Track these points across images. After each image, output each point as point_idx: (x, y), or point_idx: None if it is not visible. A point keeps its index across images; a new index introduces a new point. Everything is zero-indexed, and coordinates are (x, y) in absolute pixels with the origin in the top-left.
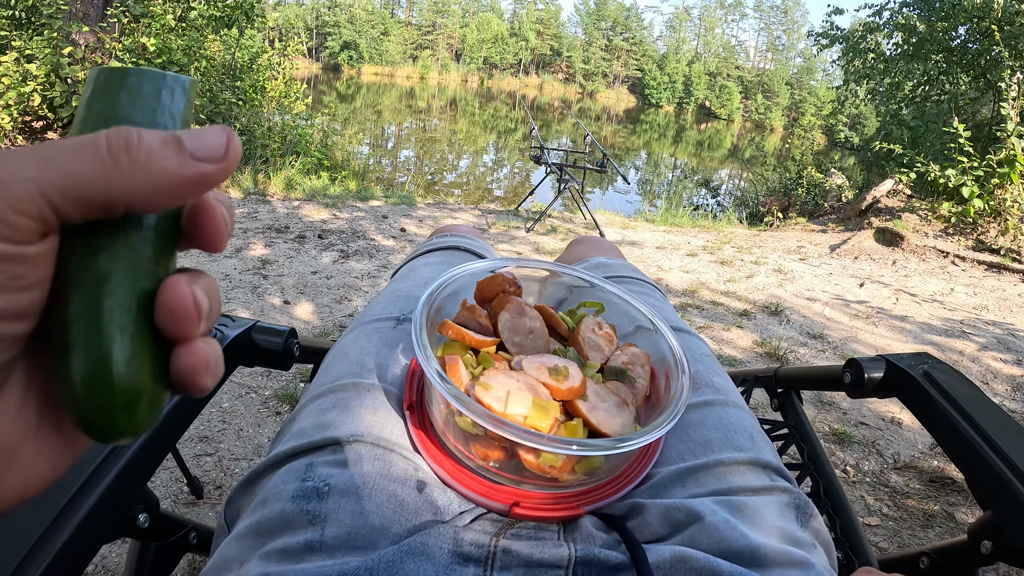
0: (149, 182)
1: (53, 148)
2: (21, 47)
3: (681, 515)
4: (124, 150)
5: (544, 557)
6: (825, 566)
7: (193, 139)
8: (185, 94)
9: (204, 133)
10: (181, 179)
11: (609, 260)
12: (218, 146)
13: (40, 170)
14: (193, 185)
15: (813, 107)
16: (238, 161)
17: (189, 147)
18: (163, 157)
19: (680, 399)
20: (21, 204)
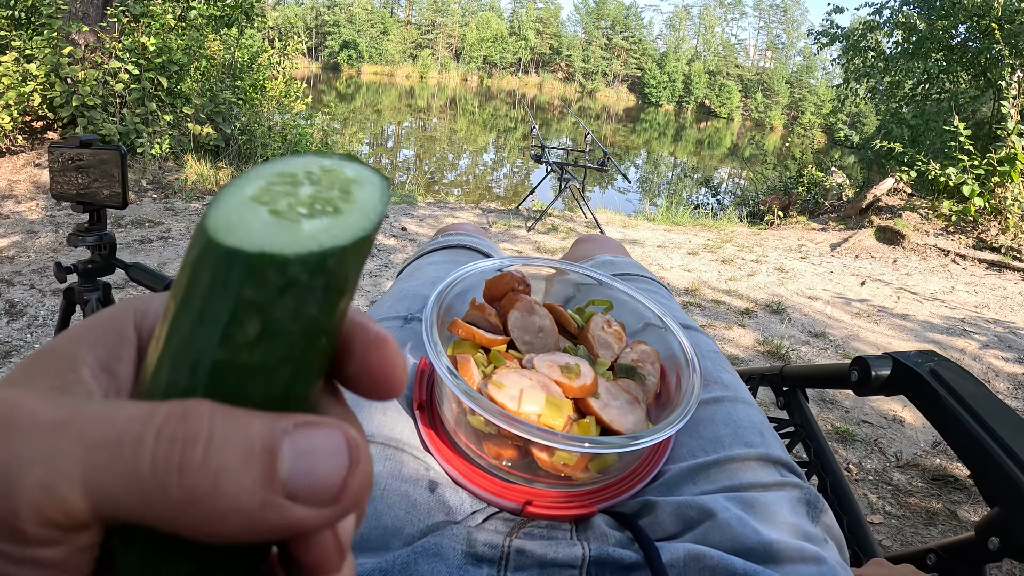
0: (208, 523)
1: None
2: (21, 47)
3: (693, 512)
4: (177, 471)
5: (558, 557)
6: (838, 561)
7: (295, 457)
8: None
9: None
10: (259, 526)
11: (615, 258)
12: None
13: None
14: (277, 535)
15: (813, 106)
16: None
17: (285, 473)
18: (238, 489)
19: (691, 396)
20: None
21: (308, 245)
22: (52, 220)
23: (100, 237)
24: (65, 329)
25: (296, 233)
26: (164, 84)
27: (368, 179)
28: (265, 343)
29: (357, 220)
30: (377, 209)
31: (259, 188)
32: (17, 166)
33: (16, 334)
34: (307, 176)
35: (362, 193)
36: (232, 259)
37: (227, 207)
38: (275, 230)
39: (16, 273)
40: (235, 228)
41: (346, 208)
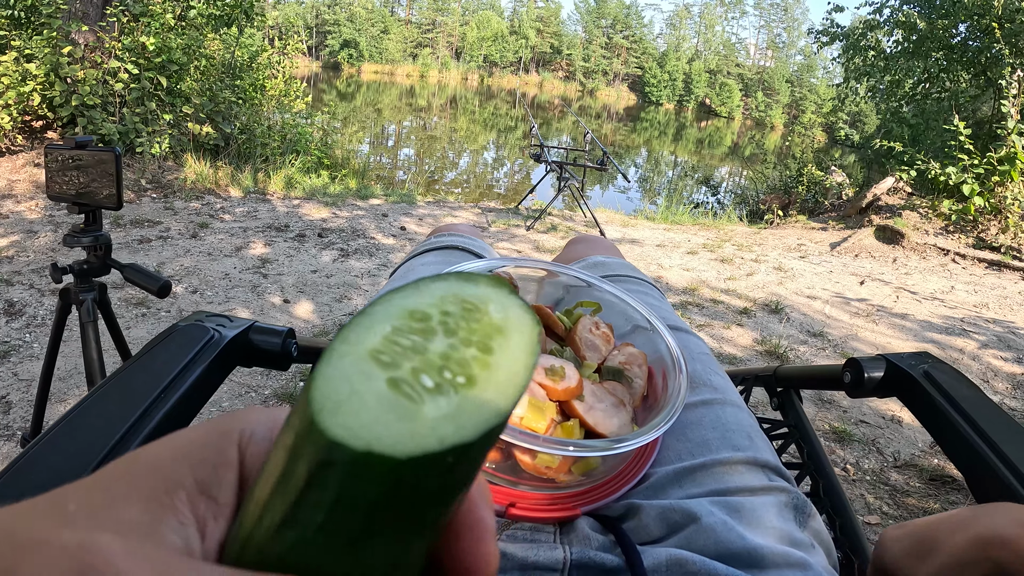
0: None
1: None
2: (20, 47)
3: (678, 516)
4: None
5: (539, 560)
6: (824, 566)
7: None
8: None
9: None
10: None
11: (607, 259)
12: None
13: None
14: None
15: (813, 105)
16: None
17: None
18: None
19: (678, 399)
20: None
21: (426, 443)
22: (51, 220)
23: (96, 238)
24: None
25: (414, 423)
26: (164, 83)
27: (515, 324)
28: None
29: (494, 400)
30: (519, 379)
31: (384, 338)
32: (17, 166)
33: (15, 334)
34: (442, 319)
35: (506, 352)
36: (334, 452)
37: (341, 370)
38: (390, 417)
39: (15, 273)
40: (343, 409)
41: (483, 378)
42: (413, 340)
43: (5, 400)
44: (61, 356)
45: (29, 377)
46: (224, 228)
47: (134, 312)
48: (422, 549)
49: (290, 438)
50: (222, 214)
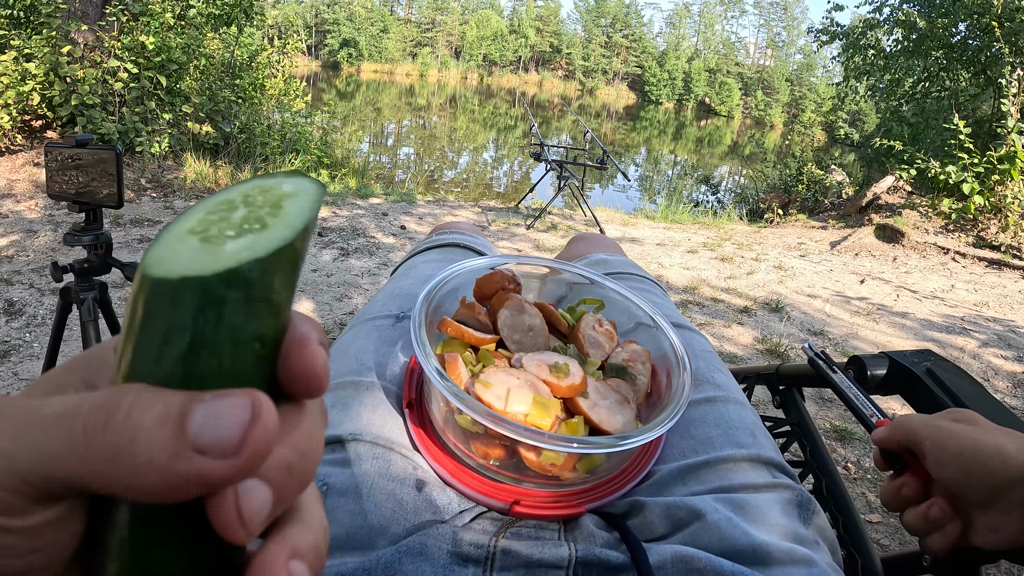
0: (127, 475)
1: (38, 411)
2: (20, 46)
3: (682, 513)
4: (102, 430)
5: (544, 557)
6: (829, 563)
7: (203, 418)
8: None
9: (222, 410)
10: (171, 475)
11: (609, 256)
12: (232, 432)
13: (15, 445)
14: (188, 484)
15: (813, 104)
16: (265, 455)
17: (193, 430)
18: (151, 444)
19: (681, 396)
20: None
21: (226, 263)
22: (51, 219)
23: (96, 237)
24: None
25: (218, 255)
26: (163, 83)
27: (302, 190)
28: (194, 356)
29: (280, 232)
30: (303, 217)
31: (197, 220)
32: (16, 165)
33: (15, 333)
34: (244, 199)
35: (293, 204)
36: (159, 288)
37: (163, 243)
38: (200, 255)
39: (15, 272)
40: (164, 260)
41: (272, 222)
42: (220, 214)
43: None
44: (62, 355)
45: (30, 377)
46: None
47: None
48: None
49: (130, 302)
50: None
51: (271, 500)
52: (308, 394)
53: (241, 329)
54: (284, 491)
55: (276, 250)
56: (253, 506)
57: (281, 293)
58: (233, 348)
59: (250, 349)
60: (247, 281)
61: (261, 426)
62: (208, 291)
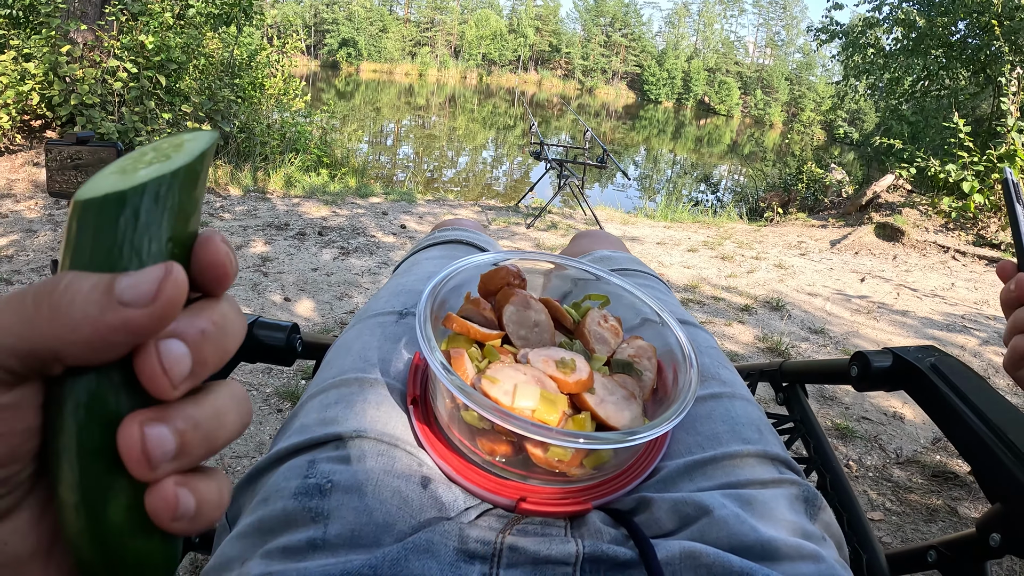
0: (68, 331)
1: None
2: (19, 46)
3: (690, 509)
4: (47, 296)
5: (551, 554)
6: (836, 559)
7: (127, 281)
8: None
9: (141, 274)
10: (102, 326)
11: (613, 253)
12: (149, 286)
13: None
14: (117, 333)
15: (812, 103)
16: (177, 303)
17: (117, 290)
18: (86, 303)
19: (688, 392)
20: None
21: (139, 180)
22: (51, 219)
23: None
24: None
25: (133, 178)
26: (163, 82)
27: (200, 136)
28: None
29: (181, 158)
30: (199, 148)
31: (117, 165)
32: (16, 165)
33: None
34: (154, 148)
35: (192, 144)
36: (87, 207)
37: (89, 182)
38: (118, 181)
39: (15, 272)
40: (90, 189)
41: (176, 155)
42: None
43: None
44: None
45: None
46: (224, 227)
47: None
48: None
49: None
50: (222, 213)
51: (189, 357)
52: (217, 283)
53: (155, 230)
54: (201, 353)
55: (177, 168)
56: (173, 358)
57: (187, 203)
58: (148, 244)
59: (164, 247)
60: (155, 193)
61: (172, 280)
62: (126, 201)
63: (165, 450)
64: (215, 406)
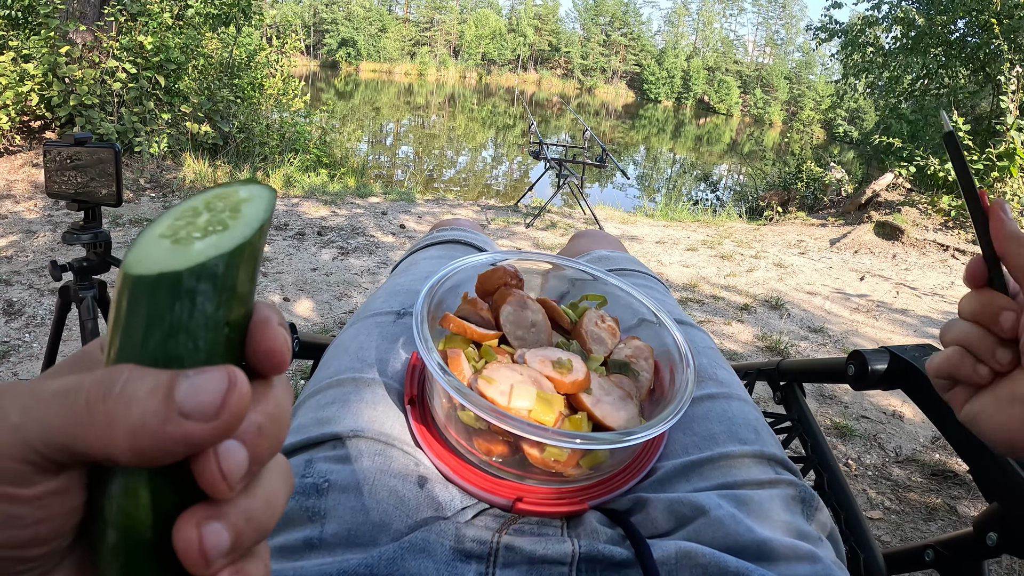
0: (126, 439)
1: (42, 389)
2: (18, 47)
3: (686, 509)
4: (101, 400)
5: (547, 553)
6: (833, 559)
7: (188, 388)
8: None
9: (203, 382)
10: (162, 438)
11: (611, 253)
12: (212, 398)
13: (22, 417)
14: (177, 445)
15: (812, 101)
16: (241, 416)
17: (178, 398)
18: (144, 411)
19: (685, 392)
20: (4, 450)
21: (196, 259)
22: (50, 220)
23: (95, 235)
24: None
25: (188, 253)
26: (162, 83)
27: (257, 195)
28: (173, 340)
29: (240, 231)
30: (259, 217)
31: (166, 226)
32: (15, 166)
33: (14, 333)
34: (206, 206)
35: (250, 208)
36: (139, 284)
37: (139, 246)
38: (172, 255)
39: (14, 273)
40: (142, 260)
41: (233, 223)
42: (187, 220)
43: None
44: (61, 355)
45: (29, 377)
46: None
47: None
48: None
49: (114, 299)
50: None
51: (247, 459)
52: (273, 369)
53: (212, 315)
54: (257, 451)
55: (238, 246)
56: (232, 463)
57: (245, 283)
58: (206, 332)
59: (221, 332)
60: (214, 274)
61: (237, 392)
62: (182, 284)
63: (221, 548)
64: (266, 493)
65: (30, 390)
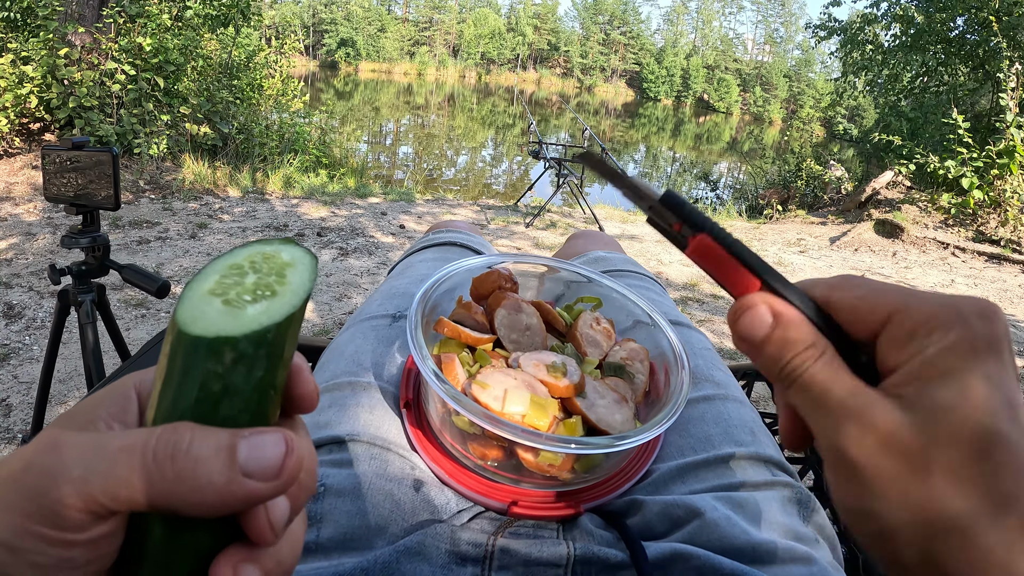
0: (192, 495)
1: (105, 448)
2: (17, 49)
3: (681, 512)
4: (170, 459)
5: (543, 556)
6: (829, 561)
7: (249, 450)
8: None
9: (263, 444)
10: (227, 496)
11: (608, 254)
12: (273, 462)
13: (86, 470)
14: (239, 503)
15: (811, 99)
16: (296, 476)
17: (241, 459)
18: (210, 470)
19: (680, 395)
20: (68, 500)
21: (251, 326)
22: (50, 222)
23: (93, 239)
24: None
25: (242, 317)
26: (161, 84)
27: (300, 260)
28: (227, 400)
29: (289, 299)
30: (305, 287)
31: (215, 282)
32: (15, 168)
33: (14, 336)
34: (251, 265)
35: (295, 274)
36: (197, 344)
37: (191, 303)
38: (227, 318)
39: (14, 275)
40: (197, 320)
41: (281, 290)
42: (234, 279)
43: (5, 403)
44: (61, 358)
45: (29, 379)
46: (223, 228)
47: (133, 313)
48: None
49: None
50: (221, 214)
51: (289, 509)
52: (303, 411)
53: (263, 379)
54: (297, 500)
55: (289, 316)
56: (279, 515)
57: (290, 349)
58: (257, 394)
59: (268, 394)
60: (268, 341)
61: (294, 456)
62: (238, 348)
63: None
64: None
65: (93, 445)
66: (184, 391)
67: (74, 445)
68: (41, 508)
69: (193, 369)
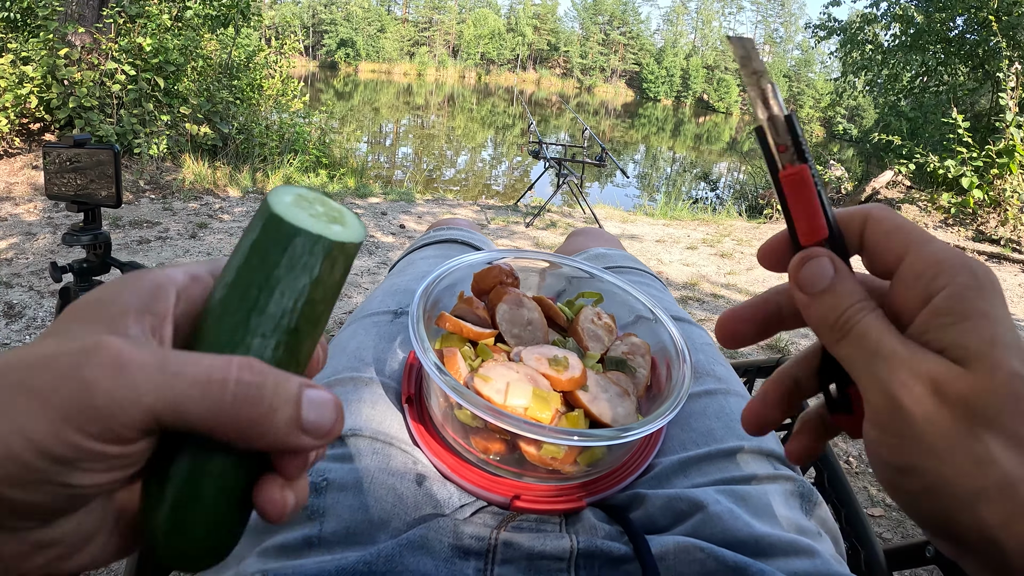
0: (256, 438)
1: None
2: (17, 49)
3: (684, 505)
4: (249, 404)
5: (546, 549)
6: (832, 554)
7: (311, 409)
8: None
9: (323, 405)
10: (282, 443)
11: (608, 251)
12: (327, 425)
13: (157, 399)
14: (288, 450)
15: (811, 99)
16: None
17: (304, 417)
18: (278, 423)
19: (682, 388)
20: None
21: (340, 236)
22: (50, 222)
23: (95, 236)
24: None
25: (331, 229)
26: (161, 84)
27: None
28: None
29: (355, 231)
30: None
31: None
32: (15, 168)
33: (15, 336)
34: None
35: (351, 219)
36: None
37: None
38: (320, 224)
39: (14, 275)
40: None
41: (347, 224)
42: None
43: None
44: None
45: None
46: (223, 228)
47: None
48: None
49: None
50: (221, 214)
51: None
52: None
53: (336, 285)
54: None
55: (359, 242)
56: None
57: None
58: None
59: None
60: (348, 255)
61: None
62: (331, 249)
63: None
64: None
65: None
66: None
67: (141, 367)
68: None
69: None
